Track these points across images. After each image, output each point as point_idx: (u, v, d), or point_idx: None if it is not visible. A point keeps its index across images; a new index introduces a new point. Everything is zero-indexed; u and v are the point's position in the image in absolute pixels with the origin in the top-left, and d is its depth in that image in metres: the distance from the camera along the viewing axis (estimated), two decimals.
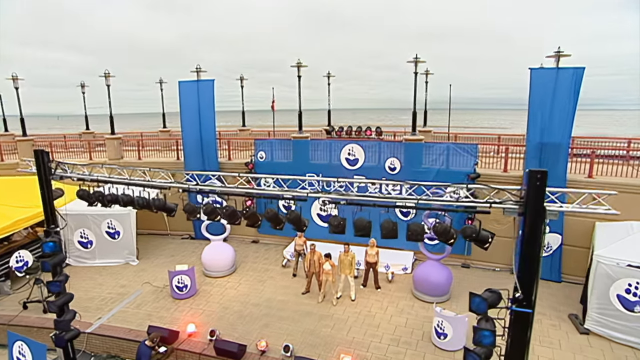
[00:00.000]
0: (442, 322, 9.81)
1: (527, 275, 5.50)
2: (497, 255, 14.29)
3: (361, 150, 15.40)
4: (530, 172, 5.38)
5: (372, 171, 15.30)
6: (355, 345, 10.03)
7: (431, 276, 12.02)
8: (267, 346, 9.81)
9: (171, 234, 18.05)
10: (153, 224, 18.03)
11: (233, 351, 9.43)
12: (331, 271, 11.86)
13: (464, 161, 14.21)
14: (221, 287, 13.21)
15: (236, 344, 9.52)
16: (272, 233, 17.12)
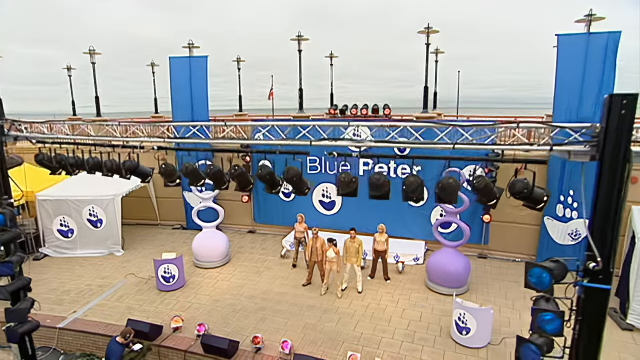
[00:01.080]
0: (464, 315, 8.60)
1: (604, 240, 4.24)
2: (518, 245, 13.09)
3: (367, 131, 14.12)
4: (612, 97, 4.11)
5: (379, 152, 14.02)
6: (364, 342, 8.85)
7: (447, 265, 10.82)
8: (263, 342, 8.62)
9: (162, 224, 16.87)
10: (142, 213, 16.86)
11: (223, 348, 8.24)
12: (336, 259, 10.67)
13: (481, 140, 12.96)
14: (213, 278, 12.03)
15: (227, 340, 8.33)
16: (271, 222, 15.96)
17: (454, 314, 8.83)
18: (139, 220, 16.89)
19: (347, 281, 11.28)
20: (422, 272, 12.22)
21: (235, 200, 16.07)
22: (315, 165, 14.97)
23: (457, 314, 8.72)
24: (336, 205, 15.06)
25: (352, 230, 10.99)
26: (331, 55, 19.63)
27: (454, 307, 8.85)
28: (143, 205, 16.65)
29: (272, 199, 15.73)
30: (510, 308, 10.18)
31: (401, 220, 14.12)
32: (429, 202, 13.67)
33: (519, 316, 9.79)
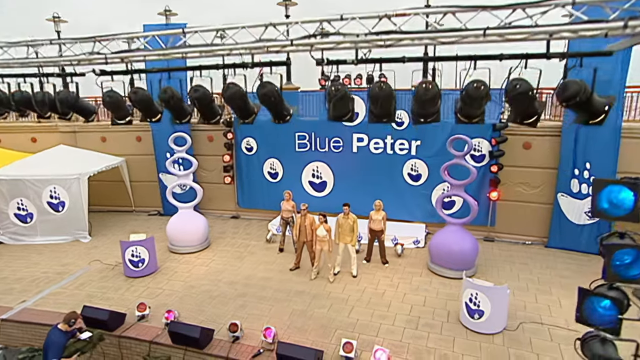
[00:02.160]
0: (475, 296, 7.51)
1: None
2: (528, 226, 12.06)
3: (361, 102, 13.02)
4: None
5: (374, 127, 12.82)
6: (360, 328, 7.73)
7: (453, 244, 9.73)
8: (242, 330, 7.45)
9: (136, 211, 15.57)
10: (114, 199, 15.53)
11: (194, 336, 7.05)
12: (327, 238, 9.52)
13: (487, 111, 11.90)
14: (189, 264, 10.83)
15: (198, 328, 7.15)
16: (255, 206, 14.77)
17: (464, 295, 7.73)
18: (111, 207, 15.56)
19: (339, 264, 10.15)
20: (423, 255, 11.14)
21: (216, 183, 14.86)
22: (304, 142, 13.82)
23: (468, 295, 7.63)
24: (327, 186, 13.92)
25: (345, 205, 9.85)
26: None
27: (464, 287, 7.76)
28: (115, 190, 15.34)
29: (256, 181, 14.55)
30: (524, 291, 9.14)
31: (399, 201, 13.01)
32: (430, 180, 12.65)
33: (534, 299, 8.76)
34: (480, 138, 11.80)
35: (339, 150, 13.48)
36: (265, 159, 14.31)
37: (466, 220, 9.88)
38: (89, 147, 14.76)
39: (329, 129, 13.42)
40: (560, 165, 11.18)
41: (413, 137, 12.66)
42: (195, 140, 14.54)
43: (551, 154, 11.38)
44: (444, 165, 9.99)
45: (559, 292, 9.01)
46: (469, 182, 9.74)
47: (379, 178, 13.02)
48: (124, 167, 14.84)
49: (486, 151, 11.85)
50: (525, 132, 11.60)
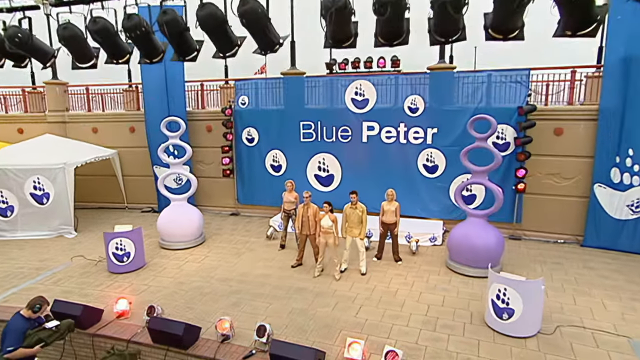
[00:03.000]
0: (504, 291, 6.67)
1: None
2: (559, 222, 11.17)
3: (372, 88, 12.40)
4: None
5: (386, 114, 12.30)
6: (369, 329, 6.95)
7: (474, 239, 8.89)
8: (232, 329, 6.70)
9: (129, 207, 14.99)
10: (106, 195, 15.00)
11: (177, 334, 6.32)
12: (332, 230, 8.77)
13: (511, 94, 11.17)
14: (180, 260, 10.16)
15: (182, 325, 6.42)
16: (257, 202, 14.10)
17: (490, 291, 6.90)
18: (102, 203, 15.01)
19: (347, 260, 9.37)
20: (440, 253, 10.35)
21: (214, 177, 14.27)
22: (309, 132, 13.15)
23: (495, 291, 6.80)
24: (334, 179, 13.21)
25: (352, 193, 9.10)
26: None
27: (490, 282, 6.94)
28: (107, 185, 14.81)
29: (258, 175, 13.90)
30: (559, 291, 8.27)
31: (414, 195, 12.25)
32: (447, 172, 11.90)
33: (572, 300, 7.89)
34: (503, 124, 11.01)
35: (347, 140, 12.79)
36: (268, 151, 13.67)
37: (490, 211, 9.05)
38: (80, 139, 14.25)
39: (336, 118, 12.77)
40: (597, 152, 10.31)
41: (429, 124, 11.93)
42: (192, 130, 14.00)
43: (587, 140, 10.52)
44: (465, 149, 9.20)
45: (601, 293, 8.12)
46: (493, 168, 8.93)
47: (391, 170, 12.27)
48: (116, 159, 14.31)
49: (511, 138, 11.04)
50: (556, 116, 10.80)
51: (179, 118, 11.27)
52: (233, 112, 13.60)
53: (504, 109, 11.01)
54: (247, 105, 13.71)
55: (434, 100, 11.77)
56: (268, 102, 13.62)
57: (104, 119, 14.76)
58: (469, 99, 11.59)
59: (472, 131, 9.01)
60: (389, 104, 12.30)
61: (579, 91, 11.03)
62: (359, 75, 12.67)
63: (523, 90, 10.89)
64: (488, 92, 11.32)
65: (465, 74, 11.60)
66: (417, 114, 11.98)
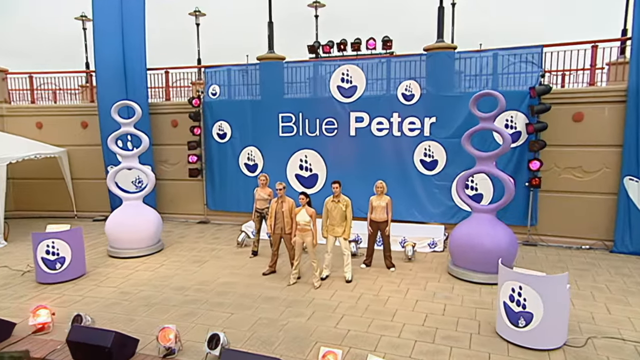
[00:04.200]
0: (519, 290, 5.84)
1: None
2: (583, 224, 10.43)
3: (360, 73, 11.81)
4: None
5: (377, 103, 11.72)
6: (351, 340, 6.08)
7: (482, 238, 8.09)
8: (179, 342, 5.79)
9: (79, 216, 14.05)
10: (50, 202, 14.06)
11: (103, 347, 5.40)
12: (310, 226, 7.94)
13: (521, 76, 10.58)
14: (129, 268, 9.26)
15: (111, 334, 5.49)
16: (229, 209, 13.31)
17: (502, 291, 6.08)
18: (46, 212, 14.02)
19: (328, 265, 8.53)
20: (442, 260, 9.56)
21: (180, 180, 13.47)
22: (289, 125, 12.48)
23: (508, 290, 5.97)
24: (319, 180, 12.46)
25: (335, 183, 8.32)
26: (316, 4, 17.49)
27: (502, 279, 6.12)
28: (53, 190, 13.92)
29: (230, 176, 13.13)
30: (588, 300, 7.47)
31: (409, 196, 11.55)
32: (449, 168, 11.21)
33: (605, 310, 7.08)
34: (513, 111, 10.40)
35: (332, 134, 12.15)
36: (242, 148, 12.99)
37: (499, 205, 8.30)
38: (21, 135, 13.38)
39: (320, 108, 12.16)
40: (626, 140, 9.66)
41: (426, 113, 11.32)
42: (155, 125, 13.30)
43: (612, 126, 9.88)
44: (467, 132, 8.50)
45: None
46: (502, 152, 8.23)
47: (383, 167, 11.56)
48: (64, 159, 13.44)
49: (522, 126, 10.40)
50: (575, 99, 10.17)
51: (134, 102, 10.51)
52: (202, 103, 12.90)
53: (513, 92, 10.40)
54: (219, 95, 13.06)
55: (431, 85, 11.19)
56: (242, 92, 13.00)
57: (51, 111, 13.95)
58: (472, 83, 11.02)
59: (476, 111, 8.34)
60: (380, 92, 11.73)
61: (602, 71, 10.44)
62: (345, 60, 12.09)
63: (535, 71, 10.29)
64: (494, 74, 10.75)
65: (467, 54, 11.03)
66: (413, 102, 11.38)
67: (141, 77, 13.11)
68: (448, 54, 11.01)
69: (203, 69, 13.35)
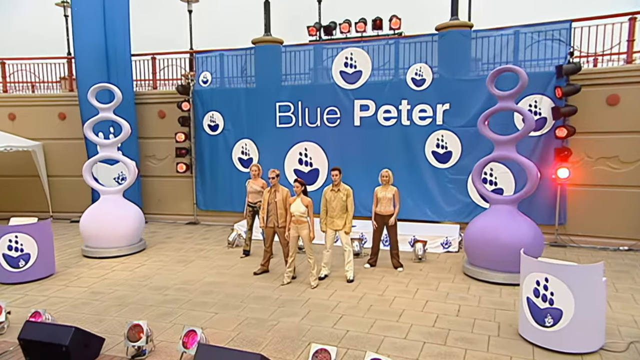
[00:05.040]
0: (545, 283, 5.40)
1: None
2: (621, 223, 9.94)
3: (366, 57, 11.53)
4: None
5: (383, 89, 11.44)
6: (350, 341, 5.69)
7: (502, 232, 7.65)
8: (151, 342, 5.41)
9: (55, 217, 13.72)
10: (24, 201, 13.81)
11: (60, 345, 5.01)
12: (306, 217, 7.56)
13: (547, 55, 10.22)
14: (105, 268, 8.93)
15: (70, 330, 5.10)
16: (221, 208, 13.02)
17: (525, 284, 5.64)
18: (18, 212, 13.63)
19: (328, 263, 8.14)
20: (456, 260, 9.16)
21: (168, 177, 13.17)
22: (287, 115, 12.21)
23: (532, 283, 5.52)
24: (320, 176, 12.12)
25: (334, 170, 7.95)
26: None
27: (524, 271, 5.69)
28: (26, 189, 13.66)
29: (222, 172, 12.86)
30: (629, 302, 7.03)
31: (420, 192, 11.22)
32: (464, 161, 10.80)
33: None
34: (537, 94, 10.02)
35: (335, 125, 11.88)
36: (236, 141, 12.74)
37: (520, 195, 7.90)
38: None
39: (321, 96, 11.91)
40: None
41: (439, 99, 11.01)
42: (140, 116, 13.06)
43: None
44: (484, 114, 8.12)
45: None
46: (524, 134, 7.83)
47: (391, 160, 11.08)
48: (39, 154, 13.14)
49: (547, 112, 10.00)
50: (610, 80, 9.76)
51: (114, 86, 10.26)
52: (192, 92, 12.66)
53: (538, 74, 10.04)
54: (210, 83, 12.82)
55: (444, 68, 10.90)
56: (236, 80, 12.76)
57: (26, 101, 13.71)
58: (490, 65, 10.64)
59: (494, 89, 7.97)
60: (387, 77, 11.47)
61: None
62: (349, 42, 11.82)
63: (563, 49, 9.91)
64: (515, 54, 10.40)
65: (485, 32, 10.70)
66: (424, 87, 11.08)
67: (125, 63, 12.89)
68: (463, 32, 10.68)
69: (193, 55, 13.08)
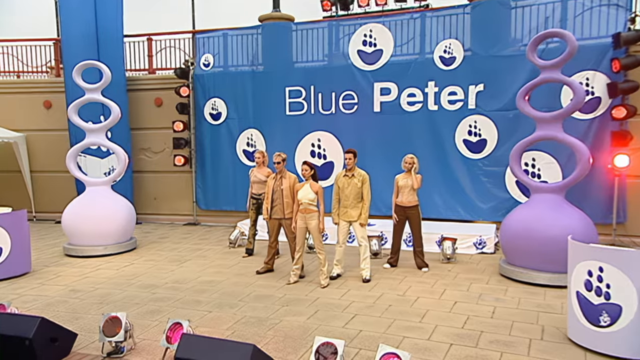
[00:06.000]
0: (599, 274, 5.01)
1: None
2: None
3: (387, 34, 11.37)
4: None
5: (407, 70, 11.26)
6: (363, 341, 5.46)
7: (547, 224, 7.24)
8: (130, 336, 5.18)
9: (38, 217, 13.73)
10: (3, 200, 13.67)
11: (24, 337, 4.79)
12: (315, 206, 7.29)
13: (601, 24, 9.91)
14: (89, 267, 8.83)
15: (35, 321, 4.88)
16: (224, 207, 12.93)
17: (575, 275, 5.25)
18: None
19: (340, 261, 7.86)
20: (492, 262, 8.81)
21: (165, 172, 13.10)
22: (298, 102, 12.07)
23: (584, 274, 5.13)
24: (334, 169, 11.87)
25: (348, 153, 7.68)
26: None
27: (574, 259, 5.30)
28: (7, 186, 13.66)
29: (225, 169, 12.79)
30: None
31: (450, 188, 11.04)
32: (500, 150, 10.48)
33: None
34: (588, 71, 9.68)
35: (352, 111, 11.77)
36: (241, 131, 12.72)
37: (570, 181, 7.52)
38: None
39: (336, 79, 11.83)
40: None
41: (471, 80, 10.80)
42: (134, 104, 13.00)
43: None
44: (524, 87, 7.80)
45: None
46: (573, 110, 7.49)
47: (416, 151, 10.62)
48: (21, 147, 13.09)
49: (602, 91, 9.63)
50: None
51: (102, 64, 10.20)
52: (192, 76, 12.61)
53: (590, 47, 9.74)
54: (212, 66, 12.77)
55: (478, 44, 10.70)
56: (241, 61, 12.67)
57: (6, 89, 13.73)
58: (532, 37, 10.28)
59: (535, 58, 7.66)
60: (412, 55, 11.31)
61: None
62: (368, 17, 11.67)
63: (621, 15, 9.57)
64: (563, 25, 10.07)
65: (527, 0, 10.36)
66: (454, 66, 10.88)
67: (117, 45, 12.89)
68: (501, 1, 10.46)
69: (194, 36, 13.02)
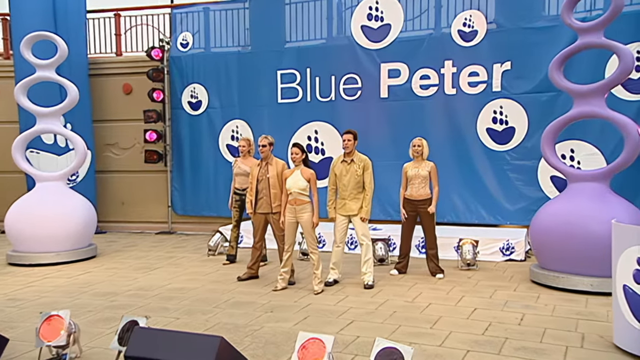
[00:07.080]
0: None
1: None
2: None
3: (396, 5, 11.40)
4: None
5: (420, 47, 11.23)
6: (360, 347, 5.29)
7: (589, 217, 7.01)
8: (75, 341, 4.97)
9: None
10: None
11: None
12: (306, 195, 7.15)
13: None
14: (34, 276, 8.74)
15: None
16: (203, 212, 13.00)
17: (621, 265, 4.99)
18: None
19: (337, 265, 7.75)
20: (521, 269, 8.65)
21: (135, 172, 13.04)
22: (292, 87, 12.06)
23: (632, 263, 4.87)
24: None
25: (347, 134, 7.53)
26: None
27: (620, 246, 5.04)
28: None
29: (206, 167, 12.85)
30: None
31: (472, 187, 10.90)
32: (530, 140, 10.34)
33: None
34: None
35: (354, 97, 11.72)
36: (224, 122, 12.73)
37: (615, 166, 7.36)
38: None
39: (336, 60, 11.87)
40: None
41: (496, 58, 10.73)
42: (98, 92, 13.00)
43: None
44: (559, 55, 7.65)
45: None
46: (617, 81, 7.38)
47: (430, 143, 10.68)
48: None
49: None
50: None
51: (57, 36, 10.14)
52: (168, 59, 12.60)
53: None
54: (191, 47, 12.79)
55: (504, 15, 10.65)
56: (225, 41, 12.68)
57: None
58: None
59: (572, 20, 7.59)
60: (425, 31, 11.28)
61: None
62: None
63: None
64: None
65: None
66: (475, 42, 10.79)
67: (78, 21, 12.97)
68: None
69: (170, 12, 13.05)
